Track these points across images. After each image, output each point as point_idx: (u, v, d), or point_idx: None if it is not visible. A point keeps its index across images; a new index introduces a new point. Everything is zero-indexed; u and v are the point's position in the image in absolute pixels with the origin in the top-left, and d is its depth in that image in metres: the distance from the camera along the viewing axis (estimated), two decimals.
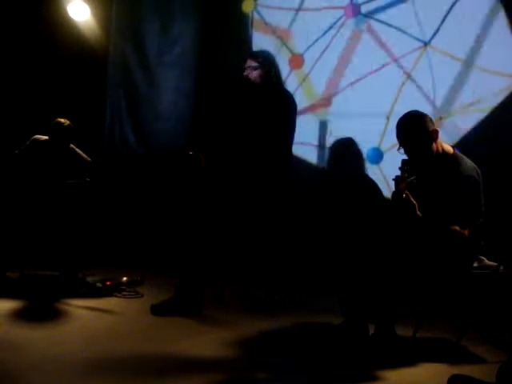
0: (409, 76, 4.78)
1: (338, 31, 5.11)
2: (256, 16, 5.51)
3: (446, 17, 4.65)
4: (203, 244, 3.81)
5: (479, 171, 3.27)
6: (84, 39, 5.55)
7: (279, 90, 4.06)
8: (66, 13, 5.44)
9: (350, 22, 5.06)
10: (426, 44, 4.73)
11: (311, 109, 5.18)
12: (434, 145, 3.23)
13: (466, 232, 3.12)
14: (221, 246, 3.88)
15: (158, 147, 5.69)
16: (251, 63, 4.05)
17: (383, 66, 4.88)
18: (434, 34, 4.69)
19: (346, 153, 4.78)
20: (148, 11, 5.78)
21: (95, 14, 5.53)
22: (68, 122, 4.42)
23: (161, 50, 5.78)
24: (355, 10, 5.05)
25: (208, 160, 4.09)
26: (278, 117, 3.92)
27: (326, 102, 5.15)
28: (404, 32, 4.81)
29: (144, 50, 5.78)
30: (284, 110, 3.96)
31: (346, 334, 3.29)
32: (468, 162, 3.25)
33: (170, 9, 5.78)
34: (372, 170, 4.81)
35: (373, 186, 4.74)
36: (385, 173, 4.76)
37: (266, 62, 4.06)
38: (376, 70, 4.90)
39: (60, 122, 4.40)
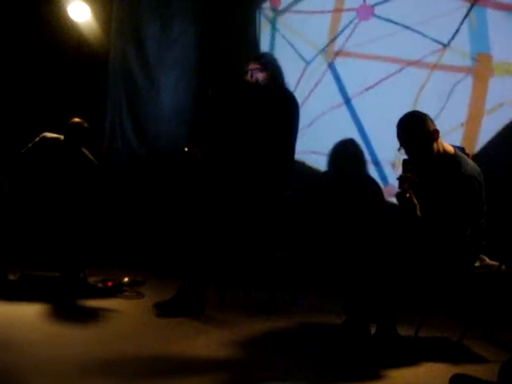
0: (428, 79, 4.70)
1: (350, 34, 5.04)
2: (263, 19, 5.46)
3: (465, 17, 4.58)
4: (205, 244, 3.81)
5: (480, 171, 3.27)
6: (84, 40, 5.56)
7: (283, 92, 4.06)
8: (67, 14, 5.45)
9: (364, 24, 4.97)
10: (444, 46, 4.66)
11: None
12: (434, 145, 3.23)
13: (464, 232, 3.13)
14: (222, 247, 3.88)
15: (159, 148, 5.69)
16: (255, 65, 4.06)
17: (401, 69, 4.81)
18: (453, 36, 4.62)
19: (347, 154, 4.78)
20: (148, 12, 5.78)
21: (95, 15, 5.54)
22: (87, 124, 4.41)
23: (161, 51, 5.78)
24: (369, 12, 4.96)
25: (205, 156, 4.09)
26: (282, 118, 3.93)
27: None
28: (422, 34, 4.73)
29: (144, 50, 5.79)
30: (287, 110, 3.97)
31: (348, 334, 3.29)
32: (469, 162, 3.25)
33: (170, 9, 5.78)
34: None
35: (375, 186, 4.74)
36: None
37: (270, 63, 4.08)
38: (391, 75, 4.84)
39: (79, 123, 4.38)
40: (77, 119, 4.42)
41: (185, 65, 5.78)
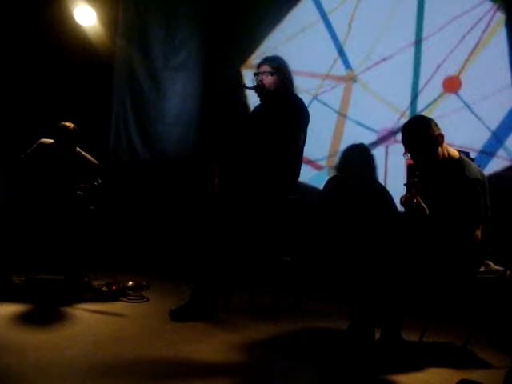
0: None
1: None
2: None
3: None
4: (218, 249, 3.81)
5: (485, 176, 3.26)
6: (90, 44, 5.56)
7: (294, 98, 4.04)
8: (72, 18, 5.46)
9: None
10: None
11: None
12: (439, 149, 3.23)
13: (479, 234, 3.13)
14: (229, 251, 3.88)
15: (165, 152, 5.70)
16: (267, 68, 4.00)
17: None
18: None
19: (357, 159, 4.77)
20: (154, 16, 5.79)
21: (101, 19, 5.54)
22: (73, 126, 4.44)
23: (167, 55, 5.79)
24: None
25: (219, 165, 4.08)
26: (292, 124, 3.90)
27: None
28: None
29: (150, 54, 5.80)
30: (298, 117, 3.94)
31: (352, 339, 3.28)
32: (474, 167, 3.25)
33: (175, 14, 5.80)
34: None
35: (383, 192, 4.73)
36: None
37: (282, 67, 4.03)
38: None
39: (65, 126, 4.42)
40: (63, 123, 4.44)
41: (190, 69, 5.79)
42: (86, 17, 5.46)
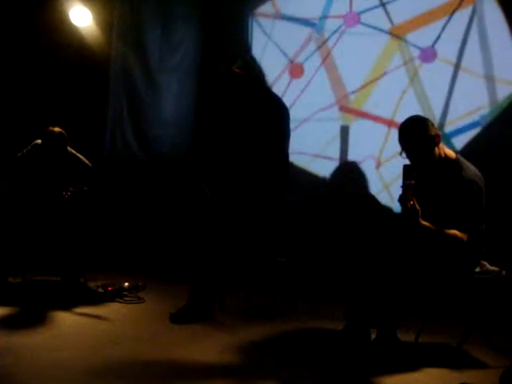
0: (410, 84, 4.80)
1: (337, 40, 5.12)
2: (255, 25, 5.51)
3: (446, 24, 4.66)
4: (214, 252, 3.81)
5: (481, 177, 3.27)
6: (86, 45, 5.56)
7: (272, 96, 4.02)
8: (68, 18, 5.45)
9: (350, 30, 5.08)
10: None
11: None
12: (436, 149, 3.23)
13: (465, 236, 3.12)
14: (225, 252, 3.88)
15: (160, 153, 5.70)
16: (235, 70, 3.90)
17: (384, 74, 4.89)
18: (435, 42, 4.71)
19: (359, 171, 4.83)
20: (150, 17, 5.79)
21: (97, 20, 5.54)
22: (59, 130, 4.40)
23: (162, 56, 5.79)
24: (355, 19, 5.05)
25: (210, 176, 4.07)
26: (275, 124, 3.89)
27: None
28: (404, 40, 4.83)
29: (146, 55, 5.79)
30: (279, 116, 3.93)
31: (349, 340, 3.28)
32: (471, 167, 3.25)
33: (171, 14, 5.79)
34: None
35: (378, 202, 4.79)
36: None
37: (249, 62, 4.02)
38: (375, 79, 4.92)
39: (51, 131, 4.38)
40: (50, 128, 4.41)
41: (186, 70, 5.79)
42: (82, 18, 5.46)
